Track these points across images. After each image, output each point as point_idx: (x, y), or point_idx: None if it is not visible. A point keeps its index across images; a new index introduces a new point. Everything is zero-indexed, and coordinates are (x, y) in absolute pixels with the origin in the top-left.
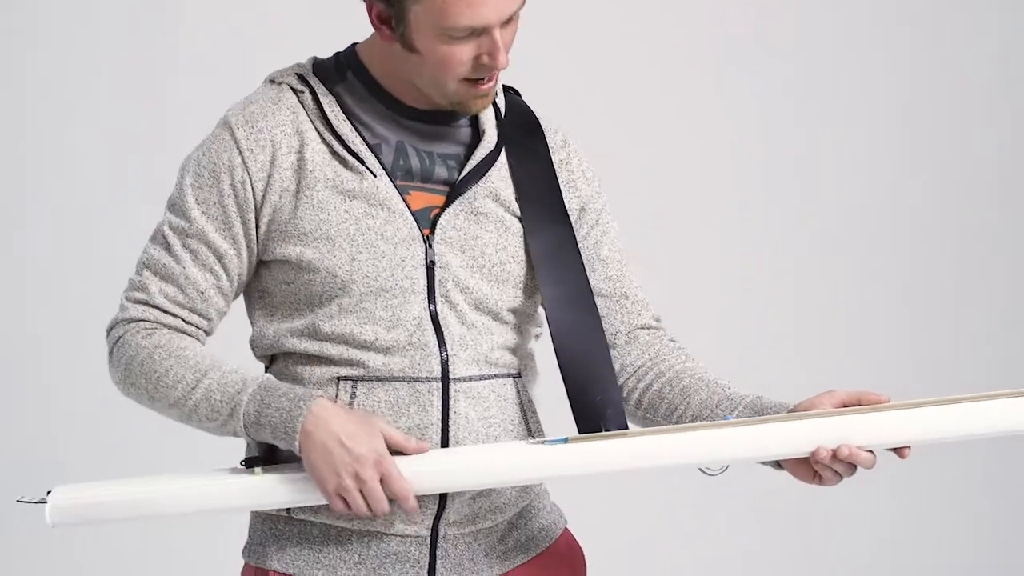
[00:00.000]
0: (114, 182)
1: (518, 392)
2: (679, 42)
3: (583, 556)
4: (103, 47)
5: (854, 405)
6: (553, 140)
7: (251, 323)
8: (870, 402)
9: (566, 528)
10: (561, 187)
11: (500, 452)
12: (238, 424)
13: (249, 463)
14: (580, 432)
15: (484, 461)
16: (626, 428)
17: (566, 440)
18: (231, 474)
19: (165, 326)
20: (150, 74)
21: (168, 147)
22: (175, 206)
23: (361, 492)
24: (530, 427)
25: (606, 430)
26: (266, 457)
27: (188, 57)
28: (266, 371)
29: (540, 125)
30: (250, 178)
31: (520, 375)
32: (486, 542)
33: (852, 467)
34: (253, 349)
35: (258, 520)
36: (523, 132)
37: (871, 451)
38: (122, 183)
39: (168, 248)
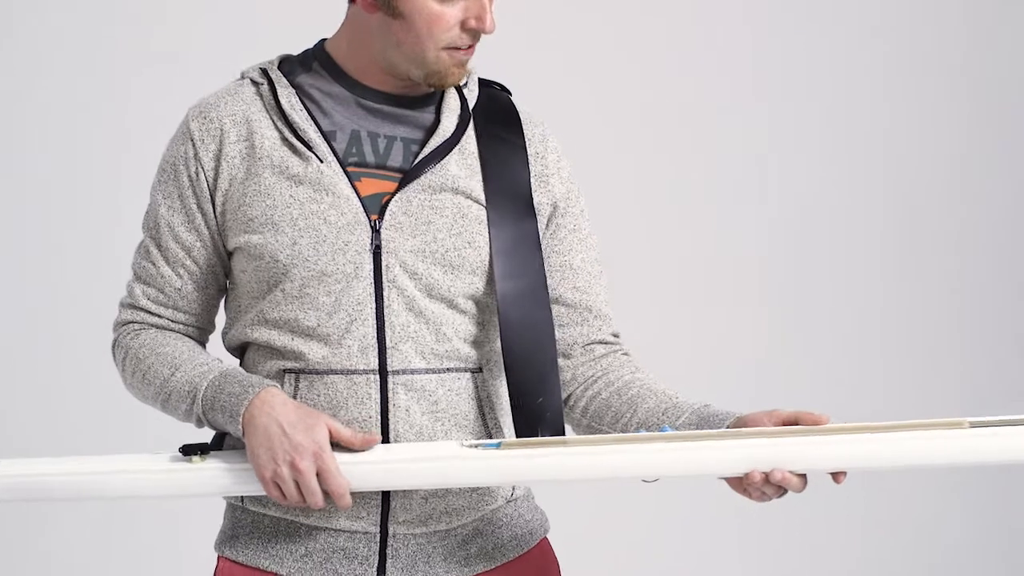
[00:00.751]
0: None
1: (476, 388)
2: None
3: (557, 568)
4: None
5: (793, 423)
6: (531, 133)
7: (225, 317)
8: (809, 422)
9: (545, 538)
10: (532, 181)
11: (428, 453)
12: (198, 409)
13: (187, 450)
14: (517, 433)
15: (409, 461)
16: (563, 434)
17: (499, 445)
18: (169, 461)
19: (152, 326)
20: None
21: None
22: (148, 208)
23: (296, 483)
24: (488, 425)
25: (542, 434)
26: (208, 445)
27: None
28: (241, 364)
29: (519, 118)
30: (202, 168)
31: (481, 370)
32: (443, 545)
33: (782, 490)
34: (223, 342)
35: (226, 510)
36: (500, 122)
37: (803, 475)
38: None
39: (147, 252)
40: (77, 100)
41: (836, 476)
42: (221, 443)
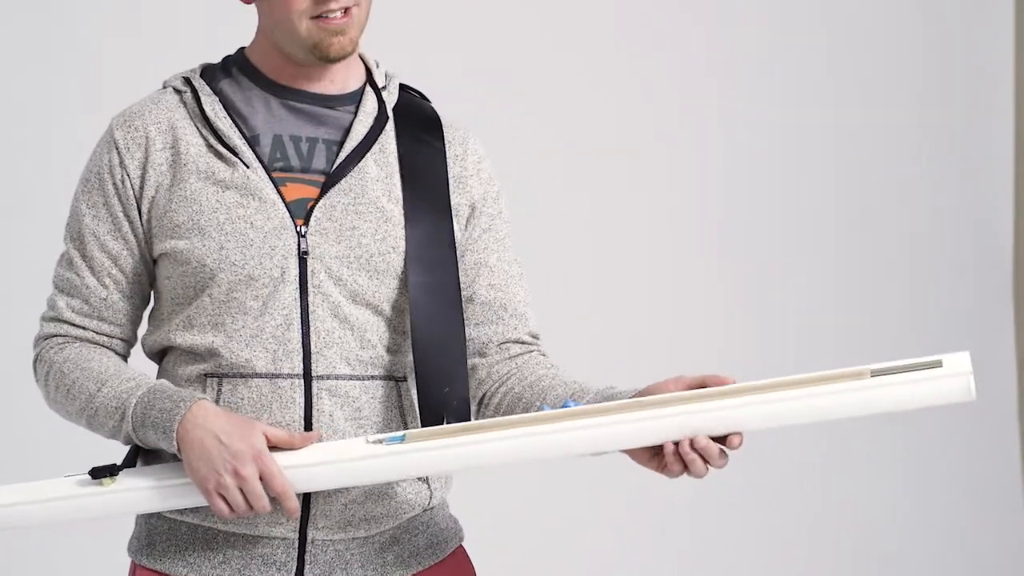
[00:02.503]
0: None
1: (399, 396)
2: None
3: (474, 575)
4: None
5: (699, 387)
6: (452, 136)
7: (147, 324)
8: (716, 384)
9: (461, 545)
10: (451, 182)
11: (333, 451)
12: (128, 426)
13: (96, 473)
14: (423, 424)
15: (314, 461)
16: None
17: (403, 438)
18: (78, 485)
19: (76, 339)
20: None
21: None
22: (71, 218)
23: (241, 490)
24: None
25: (448, 423)
26: (118, 466)
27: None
28: (159, 371)
29: (440, 121)
30: (128, 176)
31: (405, 379)
32: (361, 552)
33: (704, 464)
34: (143, 347)
35: (138, 515)
36: (420, 125)
37: (723, 450)
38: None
39: (70, 262)
40: None
41: (729, 439)
42: (134, 461)
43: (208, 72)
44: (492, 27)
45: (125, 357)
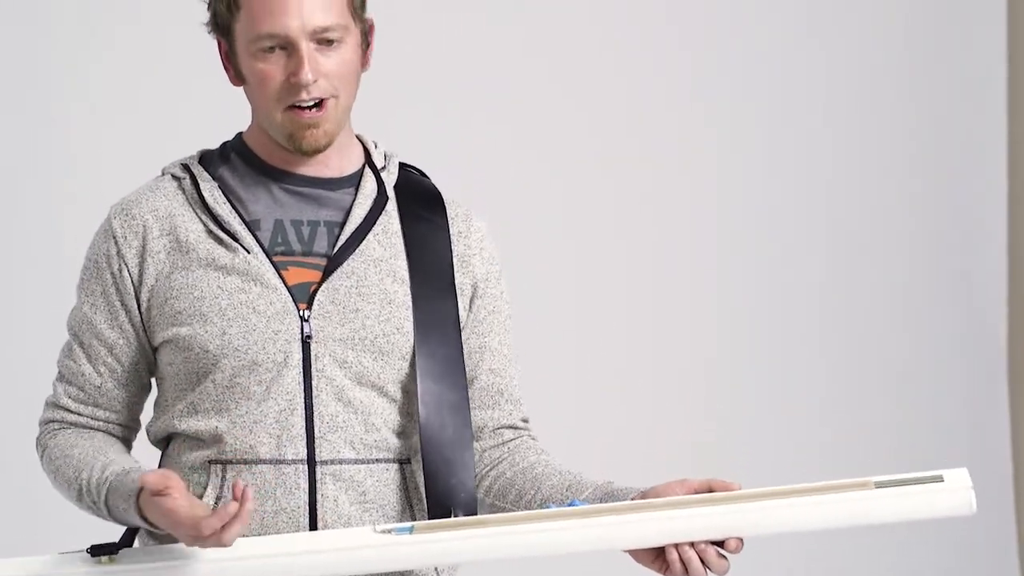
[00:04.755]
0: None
1: (404, 479)
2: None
3: None
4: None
5: (704, 491)
6: (454, 213)
7: (152, 411)
8: (721, 490)
9: None
10: (455, 261)
11: (342, 540)
12: (107, 515)
13: (96, 551)
14: (430, 514)
15: (323, 548)
16: (476, 515)
17: (411, 529)
18: (80, 562)
19: (72, 424)
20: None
21: None
22: (73, 307)
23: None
24: (415, 516)
25: (455, 515)
26: (117, 544)
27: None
28: (162, 457)
29: (442, 199)
30: (126, 265)
31: (409, 461)
32: None
33: (702, 566)
34: (147, 434)
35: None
36: (422, 203)
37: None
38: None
39: (69, 350)
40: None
41: (727, 542)
42: (132, 540)
43: (206, 158)
44: (482, 79)
45: (126, 440)
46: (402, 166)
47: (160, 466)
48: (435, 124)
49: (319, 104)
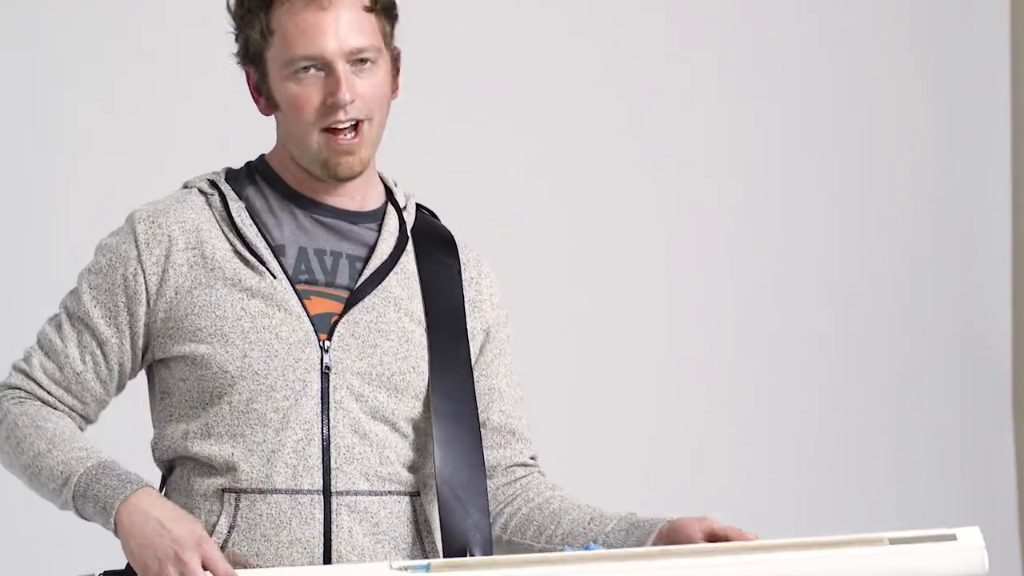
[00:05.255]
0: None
1: (414, 511)
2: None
3: None
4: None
5: (722, 539)
6: (466, 257)
7: (153, 426)
8: (737, 539)
9: None
10: (467, 305)
11: (357, 574)
12: (68, 493)
13: None
14: (445, 553)
15: None
16: (491, 554)
17: (428, 567)
18: None
19: (39, 399)
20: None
21: None
22: (74, 288)
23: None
24: (425, 548)
25: (471, 555)
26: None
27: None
28: (163, 481)
29: (455, 243)
30: (143, 272)
31: (419, 494)
32: None
33: None
34: (152, 452)
35: None
36: (435, 244)
37: None
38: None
39: (58, 327)
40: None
41: None
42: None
43: (232, 177)
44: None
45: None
46: (417, 207)
47: (165, 493)
48: (434, 126)
49: (355, 128)
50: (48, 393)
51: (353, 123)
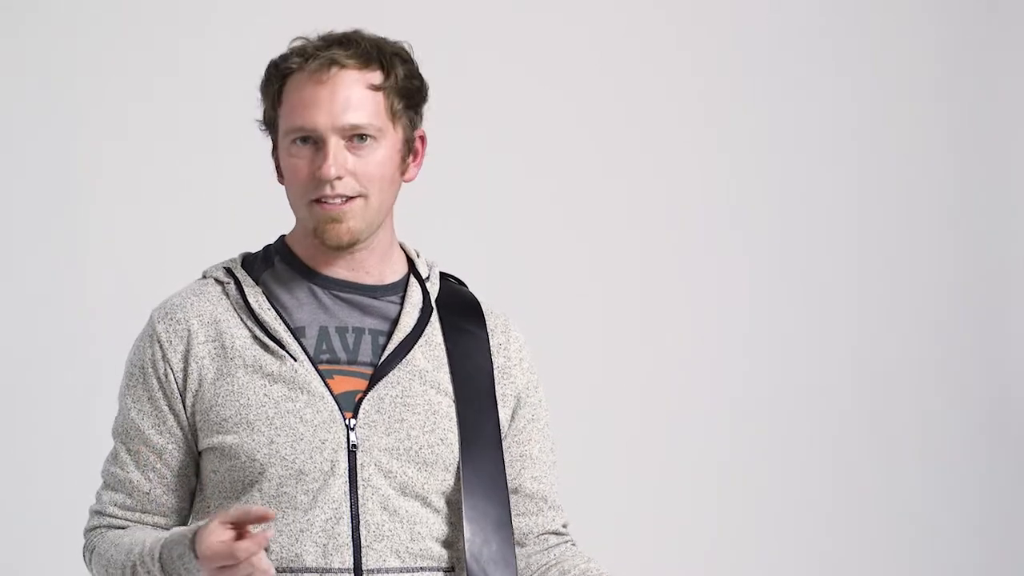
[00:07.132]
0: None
1: None
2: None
3: None
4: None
5: None
6: (493, 324)
7: (189, 523)
8: None
9: None
10: (496, 372)
11: None
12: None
13: None
14: None
15: None
16: None
17: None
18: None
19: (119, 528)
20: None
21: None
22: (119, 412)
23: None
24: None
25: None
26: None
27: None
28: None
29: (481, 310)
30: (171, 370)
31: (453, 569)
32: None
33: None
34: None
35: None
36: (461, 314)
37: None
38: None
39: (115, 456)
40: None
41: None
42: None
43: (249, 262)
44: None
45: None
46: (441, 275)
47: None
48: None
49: (346, 199)
50: (126, 521)
51: (343, 199)
